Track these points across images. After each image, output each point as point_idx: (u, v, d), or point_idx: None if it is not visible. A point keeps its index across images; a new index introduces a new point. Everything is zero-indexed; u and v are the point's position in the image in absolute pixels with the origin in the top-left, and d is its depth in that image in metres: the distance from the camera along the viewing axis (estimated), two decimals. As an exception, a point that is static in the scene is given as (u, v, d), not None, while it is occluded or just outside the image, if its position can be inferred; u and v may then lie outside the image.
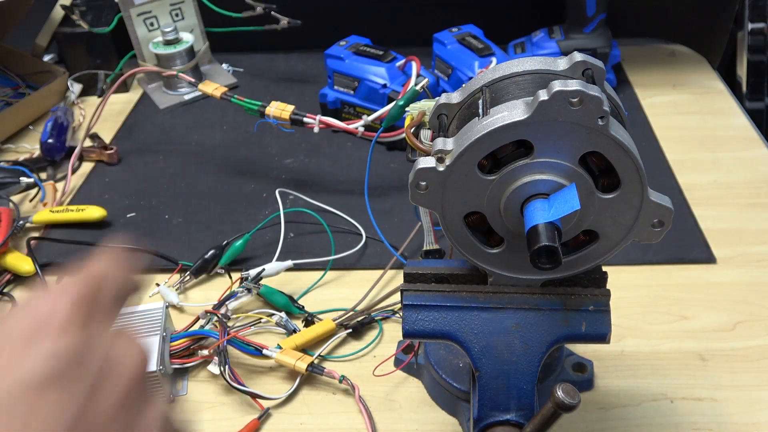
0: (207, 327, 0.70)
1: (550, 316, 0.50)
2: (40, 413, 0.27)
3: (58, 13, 1.17)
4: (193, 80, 0.93)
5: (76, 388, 0.28)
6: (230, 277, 0.78)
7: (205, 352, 0.67)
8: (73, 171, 0.96)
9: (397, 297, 0.73)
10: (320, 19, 1.16)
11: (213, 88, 0.89)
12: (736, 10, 1.16)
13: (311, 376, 0.66)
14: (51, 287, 0.32)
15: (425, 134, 0.51)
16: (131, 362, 0.31)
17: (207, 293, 0.77)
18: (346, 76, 1.00)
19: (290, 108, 0.85)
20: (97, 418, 0.28)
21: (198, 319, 0.71)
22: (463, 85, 0.50)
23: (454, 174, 0.45)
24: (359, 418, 0.63)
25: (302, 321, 0.72)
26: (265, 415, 0.63)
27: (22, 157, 1.00)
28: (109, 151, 0.99)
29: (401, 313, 0.52)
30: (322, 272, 0.78)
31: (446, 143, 0.46)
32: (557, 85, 0.41)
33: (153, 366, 0.63)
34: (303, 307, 0.73)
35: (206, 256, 0.78)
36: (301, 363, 0.64)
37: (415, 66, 0.89)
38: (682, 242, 0.80)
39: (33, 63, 1.16)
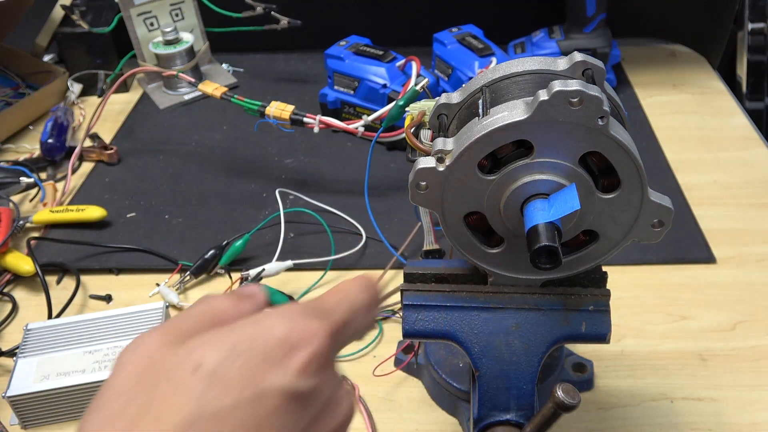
0: (207, 327, 0.69)
1: (550, 316, 0.50)
2: (276, 421, 0.29)
3: (58, 13, 1.17)
4: (193, 80, 0.93)
5: (307, 412, 0.30)
6: (230, 277, 0.78)
7: (205, 352, 0.67)
8: (73, 171, 0.96)
9: (397, 297, 0.72)
10: (320, 19, 1.16)
11: (213, 88, 0.89)
12: (736, 10, 1.16)
13: (311, 376, 0.66)
14: (309, 307, 0.33)
15: (425, 134, 0.51)
16: (345, 409, 0.33)
17: (207, 293, 0.77)
18: (346, 76, 1.00)
19: (290, 108, 0.85)
20: None
21: (198, 319, 0.70)
22: (463, 85, 0.50)
23: (454, 174, 0.45)
24: (359, 418, 0.63)
25: (302, 321, 0.72)
26: (265, 415, 0.63)
27: (22, 157, 1.01)
28: (109, 151, 0.99)
29: (401, 313, 0.52)
30: (322, 272, 0.78)
31: (446, 143, 0.46)
32: (557, 85, 0.41)
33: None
34: (303, 307, 0.73)
35: (206, 256, 0.79)
36: (301, 363, 0.64)
37: (415, 66, 0.89)
38: (682, 242, 0.80)
39: (33, 63, 1.16)
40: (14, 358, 0.66)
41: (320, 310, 0.33)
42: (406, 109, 0.56)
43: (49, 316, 0.74)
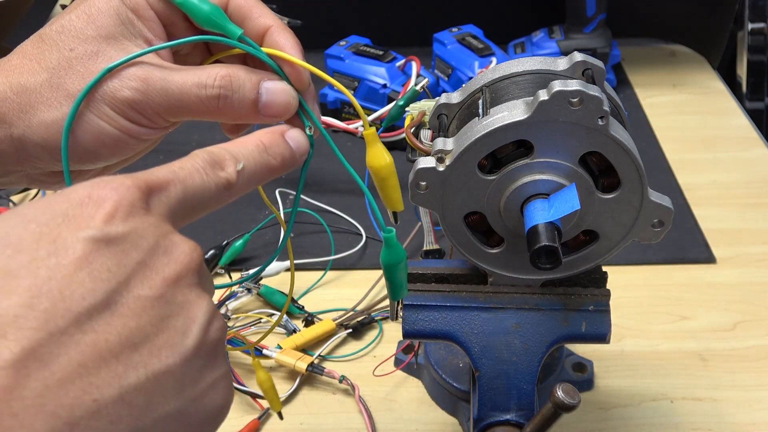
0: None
1: (550, 316, 0.50)
2: (88, 267, 0.27)
3: (57, 13, 1.17)
4: (193, 80, 0.92)
5: (129, 256, 0.28)
6: (230, 277, 0.78)
7: (205, 352, 0.67)
8: (73, 171, 0.96)
9: (397, 297, 0.73)
10: (320, 19, 1.16)
11: (213, 88, 0.89)
12: (736, 10, 1.16)
13: (311, 376, 0.66)
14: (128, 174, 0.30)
15: (425, 134, 0.51)
16: (181, 256, 0.29)
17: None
18: (346, 76, 1.00)
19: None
20: (142, 291, 0.28)
21: (198, 319, 0.70)
22: (463, 85, 0.50)
23: (454, 174, 0.45)
24: (359, 418, 0.63)
25: (302, 321, 0.72)
26: (265, 415, 0.63)
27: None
28: (109, 151, 0.99)
29: (401, 313, 0.52)
30: (322, 272, 0.78)
31: (446, 143, 0.46)
32: (557, 85, 0.42)
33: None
34: (303, 307, 0.73)
35: (206, 256, 0.78)
36: (301, 363, 0.64)
37: (415, 66, 0.89)
38: (682, 242, 0.80)
39: (33, 63, 1.16)
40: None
41: (141, 172, 0.31)
42: (406, 109, 0.56)
43: (49, 316, 0.74)
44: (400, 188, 0.44)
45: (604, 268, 0.52)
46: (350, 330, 0.70)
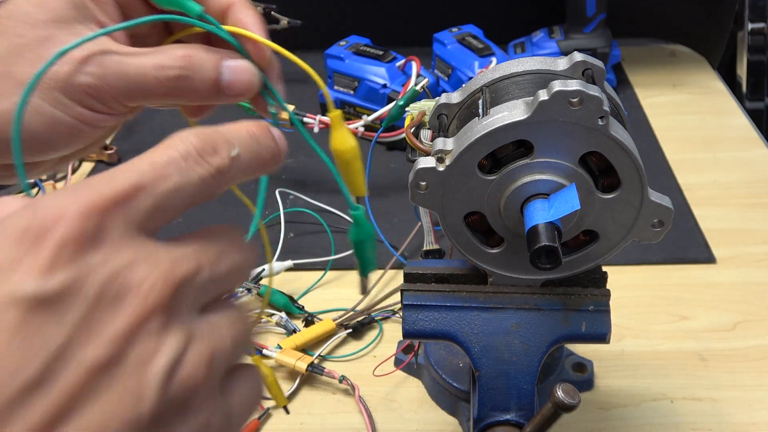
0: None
1: (550, 316, 0.50)
2: (20, 342, 0.23)
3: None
4: (193, 80, 0.92)
5: (68, 316, 0.24)
6: (230, 277, 0.78)
7: (205, 352, 0.67)
8: (73, 171, 0.96)
9: (397, 297, 0.73)
10: (320, 19, 1.16)
11: (213, 88, 0.89)
12: (736, 10, 1.16)
13: (311, 376, 0.66)
14: (91, 178, 0.26)
15: (425, 134, 0.51)
16: (141, 296, 0.25)
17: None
18: (346, 76, 1.00)
19: (290, 108, 0.85)
20: (85, 355, 0.24)
21: (198, 319, 0.70)
22: (463, 85, 0.50)
23: (454, 174, 0.45)
24: (359, 418, 0.63)
25: (302, 321, 0.72)
26: (265, 415, 0.63)
27: (22, 157, 1.00)
28: (108, 151, 0.99)
29: (401, 313, 0.52)
30: (322, 272, 0.78)
31: (446, 143, 0.46)
32: (557, 85, 0.42)
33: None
34: (303, 307, 0.73)
35: (206, 256, 0.78)
36: (301, 363, 0.64)
37: (415, 66, 0.89)
38: (682, 242, 0.80)
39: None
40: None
41: (101, 178, 0.26)
42: (406, 109, 0.56)
43: (49, 316, 0.74)
44: (364, 173, 0.43)
45: (604, 268, 0.52)
46: (350, 330, 0.70)
